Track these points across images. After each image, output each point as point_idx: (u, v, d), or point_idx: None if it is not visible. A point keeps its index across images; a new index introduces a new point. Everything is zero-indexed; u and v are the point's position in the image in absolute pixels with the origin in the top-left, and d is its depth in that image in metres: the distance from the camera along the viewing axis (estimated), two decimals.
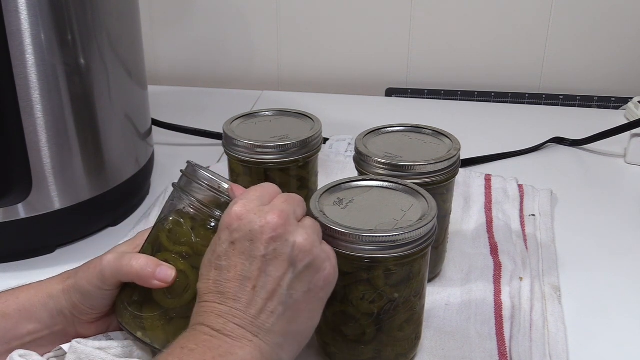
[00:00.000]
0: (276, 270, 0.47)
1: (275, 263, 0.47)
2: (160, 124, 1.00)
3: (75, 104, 0.69)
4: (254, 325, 0.46)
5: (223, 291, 0.47)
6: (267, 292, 0.47)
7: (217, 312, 0.47)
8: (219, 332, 0.46)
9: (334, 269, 0.49)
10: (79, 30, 0.68)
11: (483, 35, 1.16)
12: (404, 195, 0.56)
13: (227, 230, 0.48)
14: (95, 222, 0.78)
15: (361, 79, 1.23)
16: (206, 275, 0.48)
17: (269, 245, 0.47)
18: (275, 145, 0.65)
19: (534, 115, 1.11)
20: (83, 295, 0.53)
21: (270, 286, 0.47)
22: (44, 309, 0.54)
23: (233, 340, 0.46)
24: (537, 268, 0.69)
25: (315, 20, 1.20)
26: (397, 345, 0.55)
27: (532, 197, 0.82)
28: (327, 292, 0.49)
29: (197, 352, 0.44)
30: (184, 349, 0.45)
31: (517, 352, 0.57)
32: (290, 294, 0.47)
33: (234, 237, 0.48)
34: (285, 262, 0.47)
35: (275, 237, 0.47)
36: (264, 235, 0.47)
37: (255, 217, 0.48)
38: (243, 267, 0.47)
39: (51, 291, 0.54)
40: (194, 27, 1.24)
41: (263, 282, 0.47)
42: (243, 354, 0.45)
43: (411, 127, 0.69)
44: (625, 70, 1.14)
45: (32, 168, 0.68)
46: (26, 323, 0.53)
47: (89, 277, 0.53)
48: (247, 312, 0.46)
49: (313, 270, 0.48)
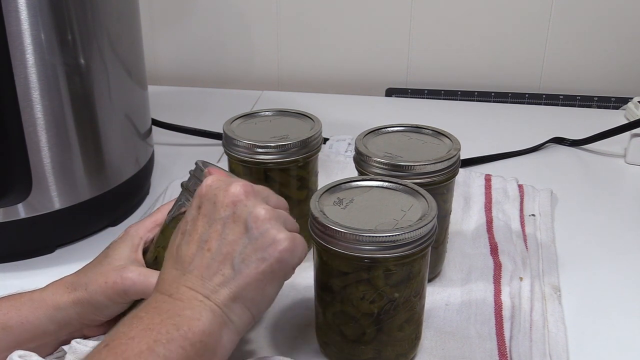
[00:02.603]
0: (232, 234, 0.48)
1: (232, 226, 0.48)
2: (160, 124, 1.00)
3: (75, 104, 0.69)
4: (205, 287, 0.47)
5: (181, 254, 0.48)
6: (221, 254, 0.47)
7: (171, 277, 0.48)
8: (170, 297, 0.46)
9: (294, 247, 0.48)
10: (79, 30, 0.68)
11: (483, 35, 1.16)
12: (404, 195, 0.56)
13: (198, 197, 0.50)
14: (95, 222, 0.78)
15: (361, 79, 1.23)
16: (172, 241, 0.50)
17: (229, 208, 0.48)
18: (275, 145, 0.65)
19: (534, 115, 1.11)
20: (99, 309, 0.54)
21: (225, 249, 0.47)
22: (49, 321, 0.54)
23: (183, 302, 0.46)
24: (537, 268, 0.69)
25: (315, 20, 1.20)
26: (397, 345, 0.56)
27: (532, 197, 0.82)
28: (282, 267, 0.48)
29: (146, 318, 0.45)
30: (135, 317, 0.45)
31: (517, 352, 0.58)
32: (242, 258, 0.47)
33: (201, 202, 0.49)
34: (242, 226, 0.48)
35: (236, 201, 0.48)
36: (227, 199, 0.48)
37: (223, 184, 0.49)
38: (203, 229, 0.48)
39: (58, 303, 0.54)
40: (194, 27, 1.24)
41: (219, 244, 0.47)
42: (192, 313, 0.45)
43: (411, 127, 0.69)
44: (625, 70, 1.14)
45: (32, 168, 0.68)
46: (29, 335, 0.53)
47: (108, 294, 0.53)
48: (199, 274, 0.47)
49: (268, 239, 0.47)
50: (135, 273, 0.54)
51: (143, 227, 0.58)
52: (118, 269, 0.54)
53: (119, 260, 0.55)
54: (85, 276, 0.55)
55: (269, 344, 0.60)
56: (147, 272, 0.54)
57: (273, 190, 0.53)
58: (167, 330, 0.44)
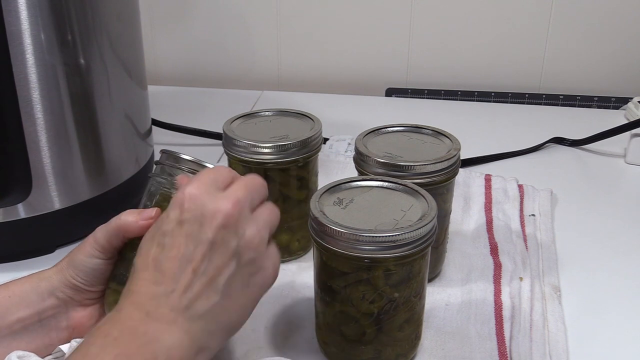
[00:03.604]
0: (219, 259, 0.46)
1: (220, 251, 0.46)
2: (160, 124, 1.00)
3: (75, 104, 0.69)
4: (188, 309, 0.45)
5: (162, 269, 0.46)
6: (206, 277, 0.46)
7: (151, 293, 0.45)
8: (147, 316, 0.44)
9: (275, 272, 0.49)
10: (79, 30, 0.68)
11: (483, 35, 1.16)
12: (404, 195, 0.56)
13: (178, 209, 0.47)
14: (95, 222, 0.77)
15: (361, 79, 1.23)
16: (146, 251, 0.47)
17: (218, 233, 0.46)
18: (275, 145, 0.65)
19: (534, 115, 1.11)
20: (77, 268, 0.54)
21: (211, 272, 0.46)
22: (33, 292, 0.54)
23: (161, 324, 0.44)
24: (537, 268, 0.69)
25: (315, 20, 1.20)
26: (397, 345, 0.56)
27: (532, 197, 0.82)
28: (263, 292, 0.48)
29: (121, 340, 0.43)
30: (108, 337, 0.43)
31: (517, 352, 0.58)
32: (228, 284, 0.46)
33: (183, 217, 0.47)
34: (230, 252, 0.46)
35: (226, 225, 0.46)
36: (215, 222, 0.46)
37: (208, 200, 0.47)
38: (186, 248, 0.46)
39: (42, 275, 0.55)
40: (194, 27, 1.24)
41: (204, 267, 0.46)
42: (171, 340, 0.44)
43: (411, 127, 0.69)
44: (625, 70, 1.14)
45: (32, 168, 0.68)
46: (15, 308, 0.53)
47: (83, 248, 0.54)
48: (182, 295, 0.45)
49: (255, 267, 0.47)
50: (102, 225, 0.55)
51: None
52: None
53: None
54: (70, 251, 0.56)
55: (269, 344, 0.60)
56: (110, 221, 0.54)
57: (273, 191, 0.53)
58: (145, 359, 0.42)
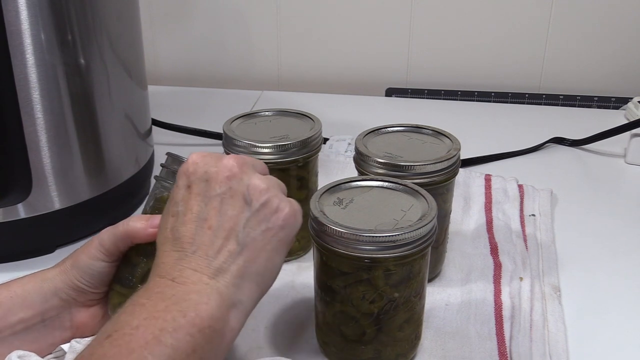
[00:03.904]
0: (232, 209, 0.46)
1: (231, 201, 0.46)
2: (160, 124, 1.00)
3: (75, 104, 0.70)
4: (211, 267, 0.45)
5: (179, 236, 0.46)
6: (224, 230, 0.46)
7: (173, 260, 0.46)
8: (174, 281, 0.44)
9: (295, 212, 0.48)
10: (79, 30, 0.68)
11: (483, 35, 1.16)
12: (404, 195, 0.56)
13: (184, 176, 0.48)
14: (95, 222, 0.77)
15: (361, 79, 1.23)
16: (164, 225, 0.48)
17: (224, 184, 0.47)
18: (275, 145, 0.65)
19: (534, 115, 1.11)
20: (82, 271, 0.54)
21: (227, 225, 0.46)
22: (36, 293, 0.54)
23: (188, 286, 0.44)
24: (537, 268, 0.69)
25: (315, 20, 1.20)
26: (397, 345, 0.56)
27: (532, 197, 0.82)
28: (287, 233, 0.48)
29: (149, 304, 0.43)
30: (136, 304, 0.43)
31: (517, 352, 0.57)
32: (247, 232, 0.46)
33: (190, 180, 0.48)
34: (241, 199, 0.46)
35: (231, 176, 0.47)
36: (220, 175, 0.47)
37: (211, 160, 0.48)
38: (199, 208, 0.47)
39: (45, 276, 0.54)
40: (194, 27, 1.24)
41: (219, 221, 0.46)
42: (198, 297, 0.43)
43: (411, 127, 0.69)
44: (625, 70, 1.14)
45: (32, 168, 0.68)
46: (17, 309, 0.53)
47: (88, 251, 0.54)
48: (203, 254, 0.45)
49: (270, 208, 0.47)
50: (109, 227, 0.54)
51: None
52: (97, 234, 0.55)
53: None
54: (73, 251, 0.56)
55: (269, 343, 0.60)
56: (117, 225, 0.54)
57: None
58: (173, 317, 0.42)
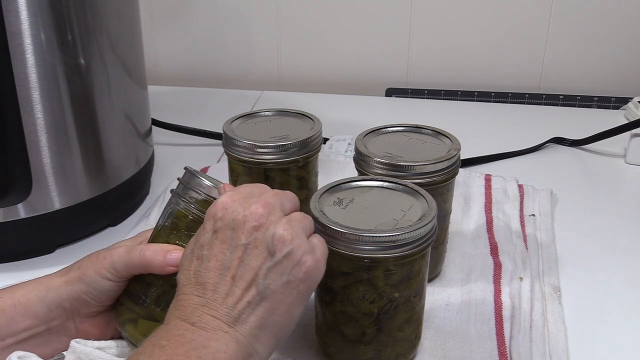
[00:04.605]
0: (255, 260, 0.46)
1: (254, 252, 0.47)
2: (160, 124, 1.00)
3: (75, 104, 0.69)
4: (230, 316, 0.46)
5: (202, 282, 0.47)
6: (245, 281, 0.46)
7: (194, 304, 0.46)
8: (194, 325, 0.45)
9: (317, 263, 0.48)
10: (79, 30, 0.68)
11: (483, 35, 1.16)
12: (404, 195, 0.56)
13: (212, 220, 0.48)
14: (95, 222, 0.78)
15: (361, 79, 1.23)
16: (187, 266, 0.48)
17: (250, 235, 0.47)
18: (275, 145, 0.65)
19: (534, 115, 1.11)
20: (89, 287, 0.53)
21: (249, 275, 0.46)
22: (40, 303, 0.53)
23: (207, 332, 0.45)
24: (537, 268, 0.69)
25: (315, 20, 1.20)
26: (397, 345, 0.56)
27: (532, 197, 0.82)
28: (308, 285, 0.48)
29: (169, 347, 0.43)
30: (155, 346, 0.44)
31: (517, 352, 0.57)
32: (267, 283, 0.46)
33: (217, 226, 0.48)
34: (264, 251, 0.47)
35: (257, 226, 0.47)
36: (247, 225, 0.47)
37: (239, 206, 0.48)
38: (224, 256, 0.47)
39: (50, 284, 0.54)
40: (194, 27, 1.24)
41: (242, 271, 0.46)
42: (217, 345, 0.44)
43: (411, 127, 0.69)
44: (625, 70, 1.14)
45: (32, 168, 0.68)
46: (21, 318, 0.53)
47: (97, 268, 0.53)
48: (224, 302, 0.46)
49: (292, 261, 0.47)
50: (123, 248, 0.54)
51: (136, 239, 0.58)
52: (109, 248, 0.55)
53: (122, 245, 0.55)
54: (81, 260, 0.55)
55: None
56: (132, 248, 0.53)
57: None
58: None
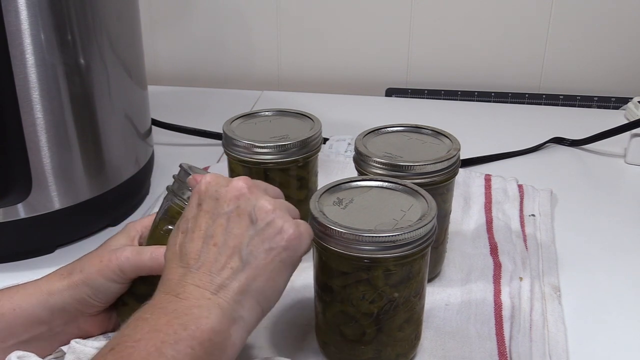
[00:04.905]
0: (238, 227, 0.48)
1: (237, 220, 0.48)
2: (160, 124, 1.00)
3: (75, 104, 0.69)
4: (213, 283, 0.46)
5: (185, 252, 0.48)
6: (228, 248, 0.47)
7: (177, 276, 0.47)
8: (177, 297, 0.45)
9: (300, 235, 0.48)
10: (79, 30, 0.68)
11: (483, 35, 1.16)
12: (403, 195, 0.56)
13: (196, 194, 0.50)
14: (95, 222, 0.78)
15: (361, 79, 1.23)
16: (173, 241, 0.49)
17: (232, 203, 0.48)
18: (275, 145, 0.65)
19: (534, 115, 1.11)
20: (96, 290, 0.53)
21: (232, 242, 0.47)
22: (42, 307, 0.53)
23: (189, 301, 0.45)
24: (537, 268, 0.69)
25: (315, 20, 1.20)
26: (397, 345, 0.56)
27: (532, 197, 0.82)
28: (290, 254, 0.48)
29: (151, 319, 0.44)
30: (139, 319, 0.44)
31: (517, 352, 0.58)
32: (250, 250, 0.47)
33: (201, 199, 0.49)
34: (247, 219, 0.48)
35: (239, 195, 0.48)
36: (229, 194, 0.49)
37: (223, 180, 0.50)
38: (207, 225, 0.48)
39: (51, 288, 0.54)
40: (194, 27, 1.24)
41: (224, 238, 0.47)
42: (199, 312, 0.44)
43: (411, 127, 0.69)
44: (625, 70, 1.14)
45: (32, 168, 0.68)
46: (22, 324, 0.53)
47: (103, 271, 0.53)
48: (207, 270, 0.46)
49: (274, 229, 0.48)
50: (129, 250, 0.54)
51: (141, 224, 0.59)
52: (113, 251, 0.54)
53: (115, 246, 0.56)
54: (80, 262, 0.55)
55: (269, 344, 0.60)
56: (140, 249, 0.54)
57: None
58: (175, 330, 0.43)
